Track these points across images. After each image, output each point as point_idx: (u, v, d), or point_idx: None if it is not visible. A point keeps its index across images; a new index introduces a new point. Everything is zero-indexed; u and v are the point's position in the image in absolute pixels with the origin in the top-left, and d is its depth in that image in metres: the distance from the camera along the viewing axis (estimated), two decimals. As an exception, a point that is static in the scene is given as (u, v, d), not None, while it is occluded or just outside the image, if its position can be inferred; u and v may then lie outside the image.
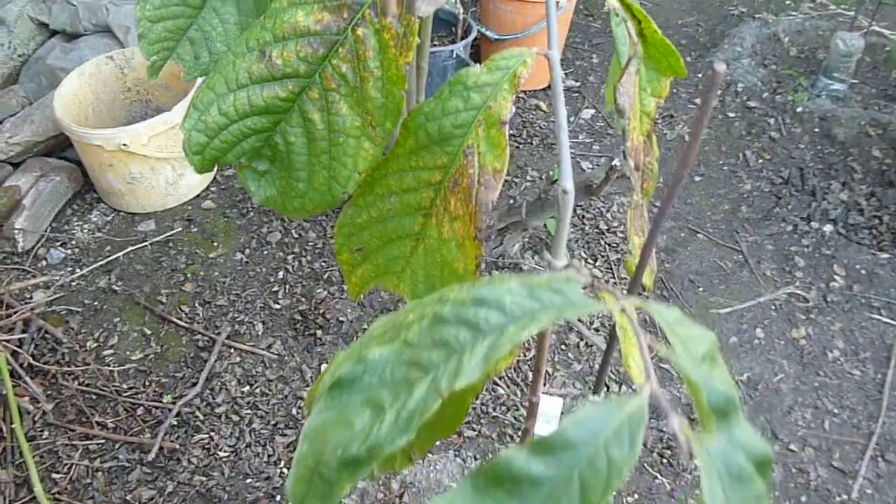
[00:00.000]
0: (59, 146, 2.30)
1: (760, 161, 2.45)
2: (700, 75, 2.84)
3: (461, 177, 0.61)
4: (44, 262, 2.04)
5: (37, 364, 1.77)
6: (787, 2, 3.42)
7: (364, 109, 0.62)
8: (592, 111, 2.59)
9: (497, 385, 1.77)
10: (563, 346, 1.86)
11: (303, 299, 1.89)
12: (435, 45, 2.28)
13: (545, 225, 2.06)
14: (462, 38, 2.23)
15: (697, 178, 2.39)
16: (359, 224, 0.69)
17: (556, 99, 0.60)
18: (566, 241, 0.61)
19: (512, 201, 2.17)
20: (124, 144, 1.98)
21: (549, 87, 2.67)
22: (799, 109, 2.62)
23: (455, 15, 2.34)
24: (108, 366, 1.77)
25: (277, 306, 1.88)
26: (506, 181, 2.28)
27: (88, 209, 2.20)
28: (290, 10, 0.62)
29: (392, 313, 0.52)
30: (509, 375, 1.79)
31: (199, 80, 0.76)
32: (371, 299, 1.91)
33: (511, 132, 2.49)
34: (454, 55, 2.15)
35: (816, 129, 2.56)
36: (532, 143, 2.43)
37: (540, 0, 2.41)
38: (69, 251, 2.07)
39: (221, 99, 0.64)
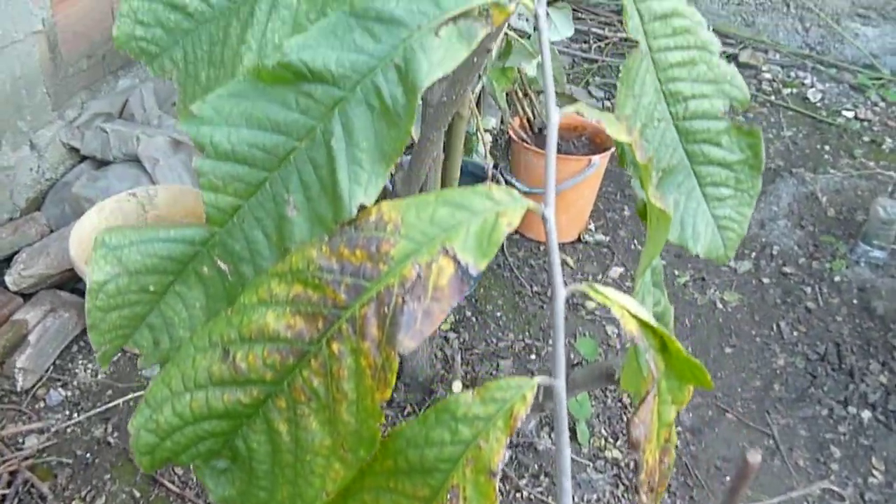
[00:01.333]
0: (74, 278, 2.26)
1: (795, 334, 2.34)
2: (734, 234, 2.75)
3: (443, 522, 0.52)
4: (42, 404, 1.96)
5: (17, 524, 1.67)
6: (825, 156, 3.36)
7: (335, 430, 0.54)
8: (621, 269, 2.51)
9: None
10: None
11: (302, 471, 1.79)
12: (460, 202, 2.23)
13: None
14: (488, 197, 2.18)
15: (728, 350, 2.27)
16: (330, 531, 0.60)
17: (560, 445, 0.52)
18: None
19: (531, 374, 2.07)
20: (134, 290, 1.92)
21: (578, 239, 2.61)
22: (837, 278, 2.52)
23: (483, 168, 2.30)
24: (91, 531, 1.67)
25: (274, 477, 1.78)
26: (527, 345, 2.19)
27: (94, 347, 2.13)
28: (259, 309, 0.55)
29: None
30: None
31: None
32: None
33: (536, 288, 2.42)
34: (479, 215, 2.09)
35: (855, 301, 2.45)
36: (556, 303, 2.33)
37: (573, 157, 2.37)
38: (69, 393, 1.99)
39: (177, 398, 0.56)
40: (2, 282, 2.19)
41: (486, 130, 2.35)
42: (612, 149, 2.45)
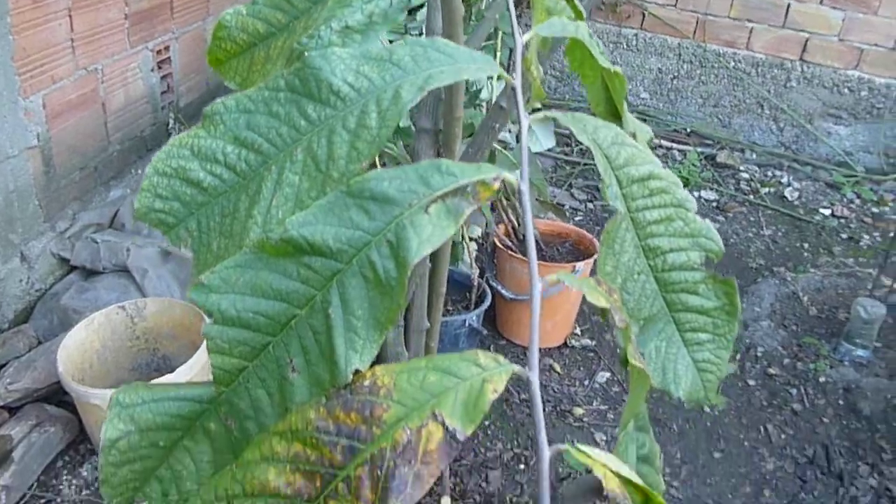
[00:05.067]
0: (60, 391, 2.25)
1: (783, 436, 2.35)
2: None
3: None
4: (24, 524, 1.93)
5: None
6: (805, 254, 3.43)
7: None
8: (608, 374, 2.52)
9: None
10: None
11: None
12: (448, 311, 2.26)
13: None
14: (476, 306, 2.21)
15: (717, 455, 2.28)
16: None
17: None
18: None
19: (519, 490, 2.07)
20: (123, 404, 1.92)
21: (565, 344, 2.63)
22: (822, 379, 2.55)
23: (469, 277, 2.33)
24: None
25: None
26: (515, 454, 2.18)
27: (80, 462, 2.11)
28: (261, 465, 0.57)
29: None
30: None
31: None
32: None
33: (523, 396, 2.43)
34: (466, 324, 2.12)
35: (841, 402, 2.47)
36: (544, 410, 2.34)
37: (556, 264, 2.41)
38: (53, 511, 1.97)
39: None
40: (-12, 395, 2.19)
41: (471, 239, 2.40)
42: (596, 254, 2.50)
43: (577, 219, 3.43)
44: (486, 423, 2.30)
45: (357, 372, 0.56)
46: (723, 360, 0.74)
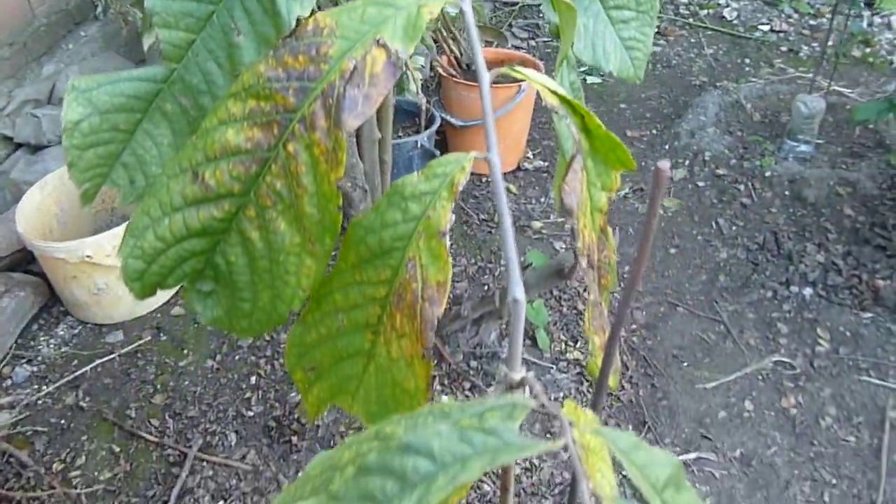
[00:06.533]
0: (24, 260, 2.26)
1: (734, 228, 2.44)
2: (667, 146, 2.85)
3: (405, 292, 0.58)
4: (8, 382, 1.97)
5: (0, 491, 1.69)
6: (747, 69, 3.48)
7: (302, 226, 0.59)
8: (562, 190, 2.58)
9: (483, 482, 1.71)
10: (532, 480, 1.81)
11: (276, 404, 1.84)
12: (399, 137, 2.28)
13: (521, 309, 2.02)
14: (426, 128, 2.24)
15: (672, 251, 2.37)
16: (309, 343, 0.66)
17: (499, 202, 0.58)
18: (521, 352, 0.57)
19: (486, 289, 2.14)
20: (88, 256, 1.94)
21: (518, 168, 2.68)
22: (768, 174, 2.64)
23: (417, 105, 2.35)
24: (76, 488, 1.70)
25: (250, 413, 1.83)
26: (480, 267, 2.26)
27: (55, 323, 2.15)
28: (220, 129, 0.60)
29: (332, 450, 0.49)
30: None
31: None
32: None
33: (483, 216, 2.49)
34: (419, 145, 2.15)
35: (787, 192, 2.57)
36: (504, 226, 2.41)
37: (502, 85, 2.43)
38: (35, 368, 2.01)
39: (157, 223, 0.61)
40: (-47, 271, 2.19)
41: (415, 69, 2.40)
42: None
43: (520, 55, 3.43)
44: (449, 243, 2.36)
45: (300, 20, 0.59)
46: (647, 37, 0.78)
